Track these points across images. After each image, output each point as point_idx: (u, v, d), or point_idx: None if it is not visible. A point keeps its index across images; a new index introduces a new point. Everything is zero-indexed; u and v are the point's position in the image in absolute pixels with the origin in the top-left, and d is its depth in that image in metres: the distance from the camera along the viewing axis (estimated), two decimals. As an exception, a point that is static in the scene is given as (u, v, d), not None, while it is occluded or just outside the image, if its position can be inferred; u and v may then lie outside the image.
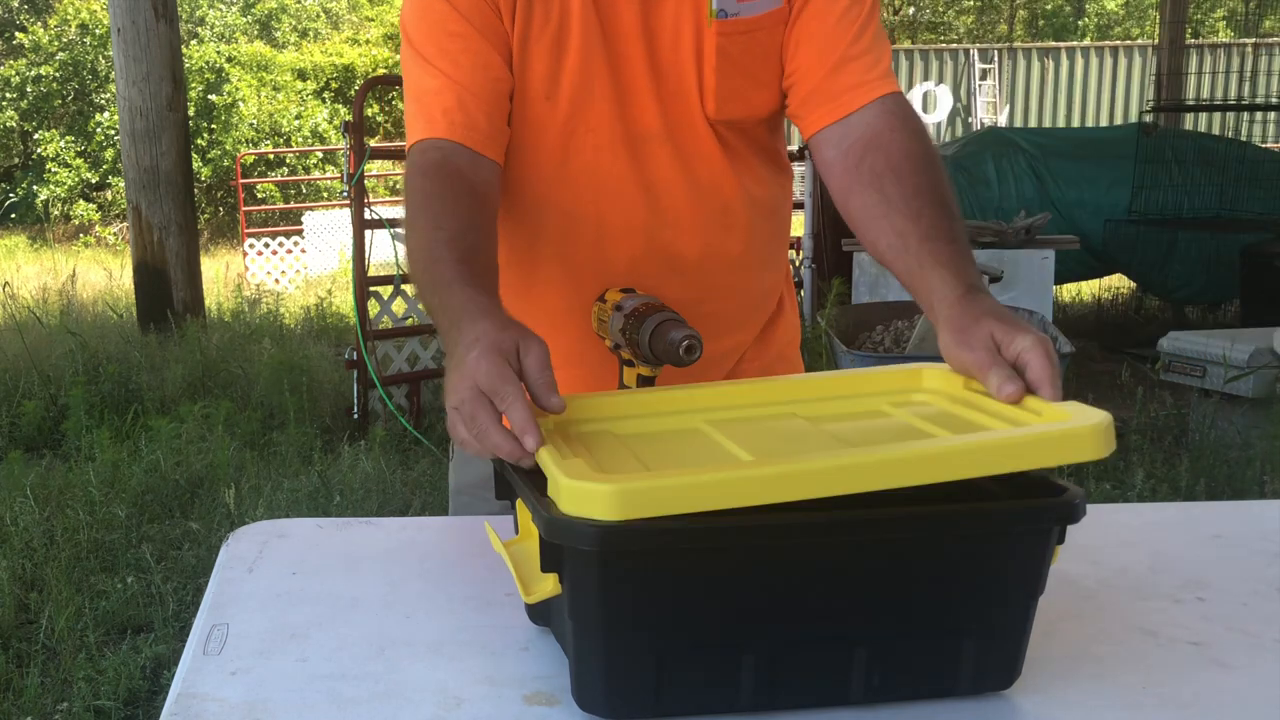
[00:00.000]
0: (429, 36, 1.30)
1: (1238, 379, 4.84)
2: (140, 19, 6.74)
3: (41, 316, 7.17)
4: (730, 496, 0.84)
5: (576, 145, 1.34)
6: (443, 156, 1.26)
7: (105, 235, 15.09)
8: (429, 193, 1.23)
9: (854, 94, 1.30)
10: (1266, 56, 17.18)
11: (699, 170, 1.36)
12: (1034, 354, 1.01)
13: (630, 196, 1.35)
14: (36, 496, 4.11)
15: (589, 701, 0.91)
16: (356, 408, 5.26)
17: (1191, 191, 7.50)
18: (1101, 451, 0.91)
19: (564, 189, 1.36)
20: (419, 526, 1.38)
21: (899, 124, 1.28)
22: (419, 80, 1.30)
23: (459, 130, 1.27)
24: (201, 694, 0.94)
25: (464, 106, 1.27)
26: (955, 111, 17.93)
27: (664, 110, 1.33)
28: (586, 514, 0.83)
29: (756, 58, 1.33)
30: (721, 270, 1.40)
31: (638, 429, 1.07)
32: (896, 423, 1.06)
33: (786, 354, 1.56)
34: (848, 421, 1.07)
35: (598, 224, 1.36)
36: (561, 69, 1.31)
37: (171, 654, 3.05)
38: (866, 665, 0.92)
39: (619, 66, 1.32)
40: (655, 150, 1.34)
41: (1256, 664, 1.02)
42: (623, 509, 0.83)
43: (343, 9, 21.82)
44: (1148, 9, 23.04)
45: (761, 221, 1.43)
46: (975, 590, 0.92)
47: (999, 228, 6.09)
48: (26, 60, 16.60)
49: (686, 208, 1.36)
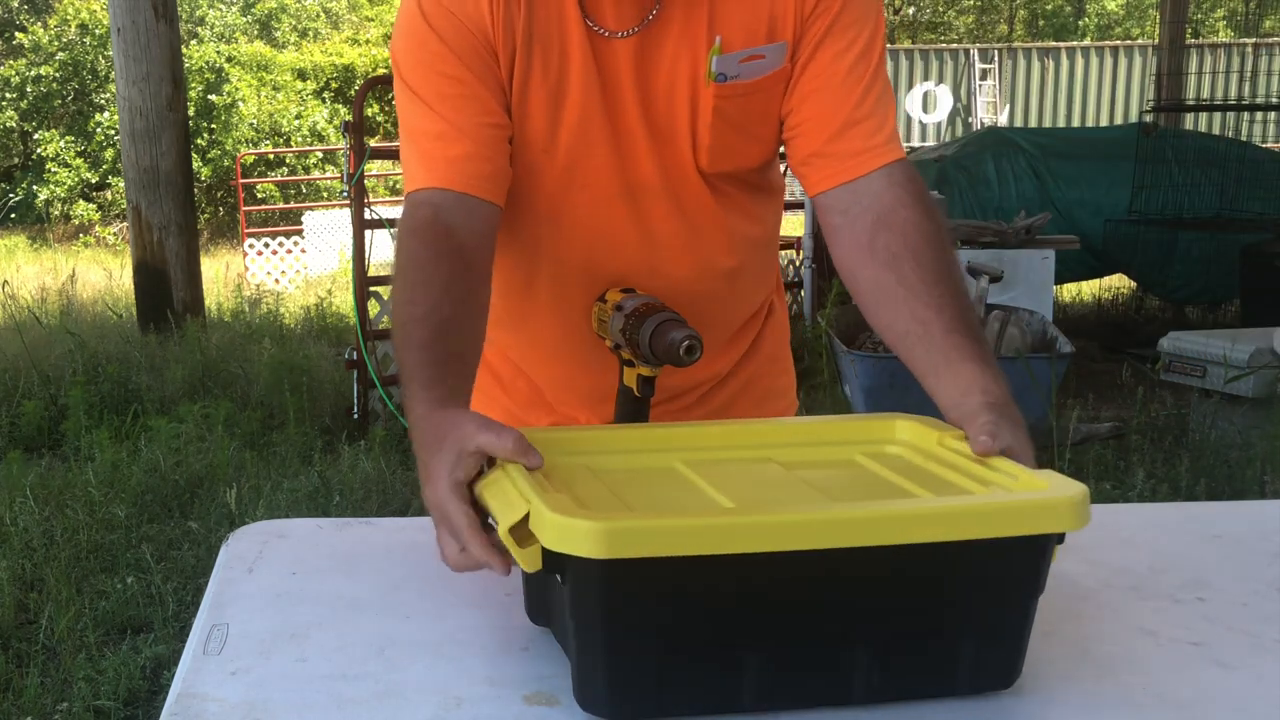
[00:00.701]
0: (425, 78, 1.27)
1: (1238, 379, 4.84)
2: (140, 19, 6.73)
3: (41, 316, 7.17)
4: (714, 543, 0.86)
5: (573, 199, 1.32)
6: (434, 214, 1.22)
7: (105, 235, 15.09)
8: (411, 259, 1.20)
9: (859, 160, 1.26)
10: (1266, 56, 17.19)
11: (695, 218, 1.35)
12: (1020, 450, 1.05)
13: (627, 245, 1.34)
14: (36, 496, 4.11)
15: (591, 701, 0.91)
16: (356, 408, 5.26)
17: (1191, 191, 7.50)
18: (1078, 524, 0.91)
19: (559, 238, 1.35)
20: (419, 526, 1.38)
21: (911, 200, 1.25)
22: (417, 122, 1.27)
23: (459, 179, 1.23)
24: (201, 694, 0.94)
25: (466, 154, 1.24)
26: (955, 111, 17.93)
27: (660, 163, 1.32)
28: (571, 550, 0.84)
29: (753, 117, 1.31)
30: (709, 310, 1.40)
31: (614, 465, 1.08)
32: (868, 474, 1.07)
33: (776, 354, 1.57)
34: (821, 469, 1.08)
35: (592, 270, 1.35)
36: (560, 122, 1.29)
37: (171, 654, 3.05)
38: (867, 665, 0.92)
39: (616, 119, 1.30)
40: (654, 203, 1.33)
41: (1256, 664, 1.02)
42: (609, 548, 0.84)
43: (343, 9, 21.83)
44: (1148, 9, 23.04)
45: (752, 254, 1.43)
46: (975, 590, 0.92)
47: (999, 228, 6.08)
48: (26, 60, 16.60)
49: (682, 260, 1.36)
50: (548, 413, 1.50)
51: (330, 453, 4.79)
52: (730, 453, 1.11)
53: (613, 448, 1.11)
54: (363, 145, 5.13)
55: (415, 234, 1.21)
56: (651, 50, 1.27)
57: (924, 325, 1.17)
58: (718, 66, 1.26)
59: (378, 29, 19.80)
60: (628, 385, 1.29)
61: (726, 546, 0.86)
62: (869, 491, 1.03)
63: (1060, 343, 4.85)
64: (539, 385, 1.50)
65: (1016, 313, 5.12)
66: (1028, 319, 5.10)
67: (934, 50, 18.78)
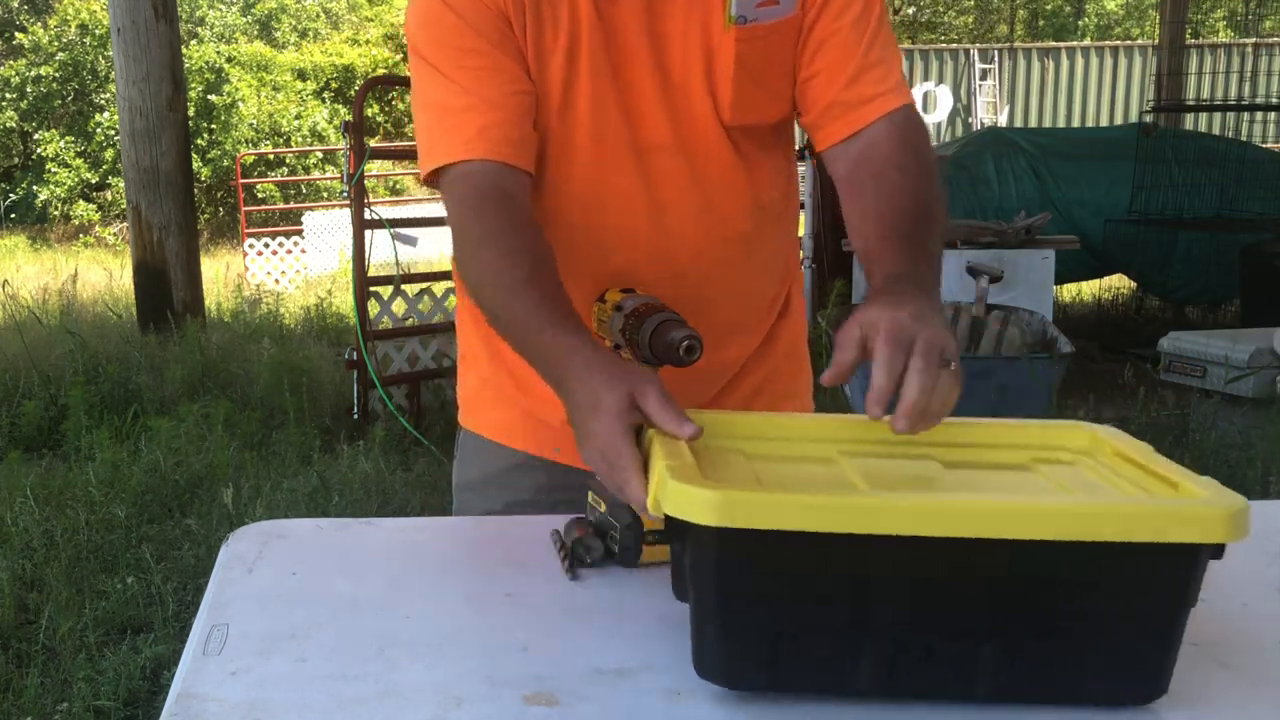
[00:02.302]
0: (443, 52, 1.28)
1: (1238, 379, 4.84)
2: (140, 19, 6.73)
3: (41, 316, 7.17)
4: (827, 520, 0.86)
5: (583, 157, 1.33)
6: (489, 181, 1.25)
7: (105, 235, 15.09)
8: (491, 225, 1.23)
9: (871, 106, 1.30)
10: (1266, 56, 17.18)
11: (710, 180, 1.35)
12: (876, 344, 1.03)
13: (635, 209, 1.34)
14: (36, 497, 4.11)
15: (706, 669, 0.94)
16: (356, 408, 5.26)
17: (1191, 191, 7.50)
18: (1232, 536, 0.87)
19: (568, 199, 1.35)
20: (419, 527, 1.38)
21: (899, 136, 1.30)
22: (441, 97, 1.28)
23: (498, 148, 1.25)
24: (201, 694, 0.94)
25: (500, 123, 1.26)
26: (955, 111, 17.92)
27: (673, 120, 1.32)
28: (687, 517, 0.87)
29: (772, 64, 1.32)
30: (724, 278, 1.39)
31: (770, 450, 1.09)
32: (1028, 477, 1.04)
33: (793, 353, 1.55)
34: (980, 470, 1.06)
35: (599, 234, 1.35)
36: (575, 82, 1.30)
37: (171, 654, 3.05)
38: (993, 663, 0.90)
39: (625, 77, 1.31)
40: (664, 162, 1.33)
41: (1256, 664, 1.02)
42: (720, 516, 0.85)
43: (343, 9, 21.82)
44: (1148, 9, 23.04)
45: (769, 226, 1.43)
46: (1119, 597, 0.89)
47: (999, 228, 6.08)
48: (26, 60, 16.60)
49: (691, 220, 1.35)
50: None
51: (330, 453, 4.79)
52: (893, 447, 1.09)
53: (773, 435, 1.12)
54: (363, 145, 5.13)
55: (484, 201, 1.25)
56: (663, 3, 1.29)
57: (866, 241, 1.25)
58: (737, 9, 1.28)
59: (378, 29, 19.80)
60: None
61: (836, 525, 0.86)
62: (1019, 491, 1.00)
63: (1060, 343, 4.85)
64: None
65: (1016, 313, 5.12)
66: (1028, 319, 5.10)
67: (934, 50, 18.78)
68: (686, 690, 0.96)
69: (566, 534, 1.24)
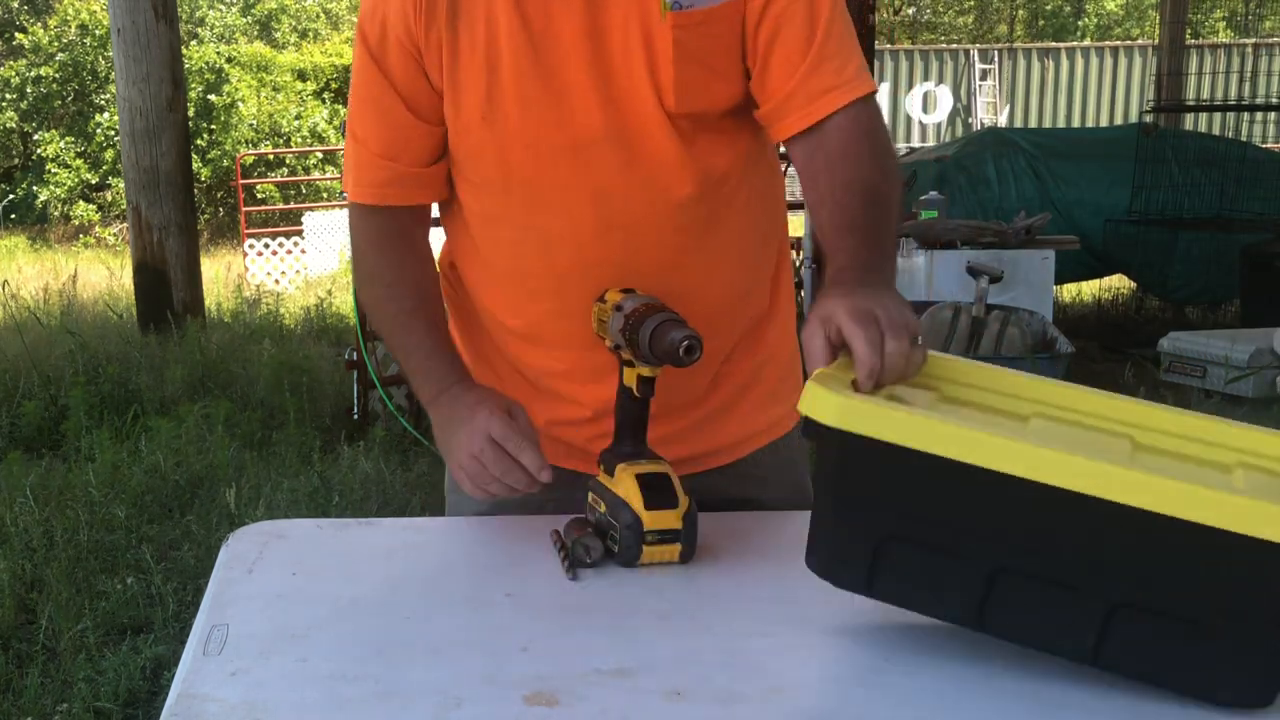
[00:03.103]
0: (362, 89, 1.38)
1: (1238, 379, 4.84)
2: (140, 19, 6.73)
3: (41, 317, 7.17)
4: (939, 443, 0.91)
5: (517, 160, 1.34)
6: (390, 224, 1.42)
7: (105, 236, 15.08)
8: (388, 260, 1.43)
9: (825, 100, 1.31)
10: (1266, 57, 17.19)
11: (652, 169, 1.34)
12: (844, 326, 1.06)
13: (577, 204, 1.34)
14: (36, 497, 4.11)
15: (814, 561, 1.02)
16: (356, 408, 5.26)
17: (1191, 191, 7.50)
18: None
19: (508, 204, 1.36)
20: (419, 527, 1.38)
21: (854, 128, 1.31)
22: (358, 122, 1.40)
23: (402, 193, 1.40)
24: (201, 694, 0.94)
25: (401, 177, 1.38)
26: (955, 111, 17.92)
27: (611, 111, 1.32)
28: (810, 412, 0.97)
29: (714, 50, 1.32)
30: (688, 273, 1.38)
31: (968, 396, 1.10)
32: (1208, 470, 1.01)
33: (777, 355, 1.51)
34: (1167, 457, 1.03)
35: (544, 232, 1.35)
36: (496, 88, 1.31)
37: (171, 654, 3.05)
38: (1100, 627, 0.91)
39: (555, 73, 1.31)
40: (601, 154, 1.33)
41: (1256, 664, 1.01)
42: (838, 418, 0.95)
43: (343, 9, 21.82)
44: (1148, 9, 23.04)
45: (721, 205, 1.39)
46: (1232, 590, 0.88)
47: (999, 228, 6.08)
48: (26, 61, 16.59)
49: (640, 210, 1.34)
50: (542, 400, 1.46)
51: (330, 453, 4.79)
52: (1095, 420, 1.08)
53: (985, 385, 1.12)
54: (363, 145, 5.12)
55: (376, 244, 1.44)
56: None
57: (823, 232, 1.29)
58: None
59: (378, 29, 19.75)
60: (627, 385, 1.29)
61: (950, 450, 0.91)
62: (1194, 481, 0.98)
63: (1060, 343, 4.85)
64: (528, 367, 1.48)
65: (1016, 313, 5.12)
66: (1028, 319, 5.10)
67: (934, 50, 18.78)
68: (687, 690, 0.96)
69: (566, 534, 1.24)
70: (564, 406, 1.44)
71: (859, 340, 1.03)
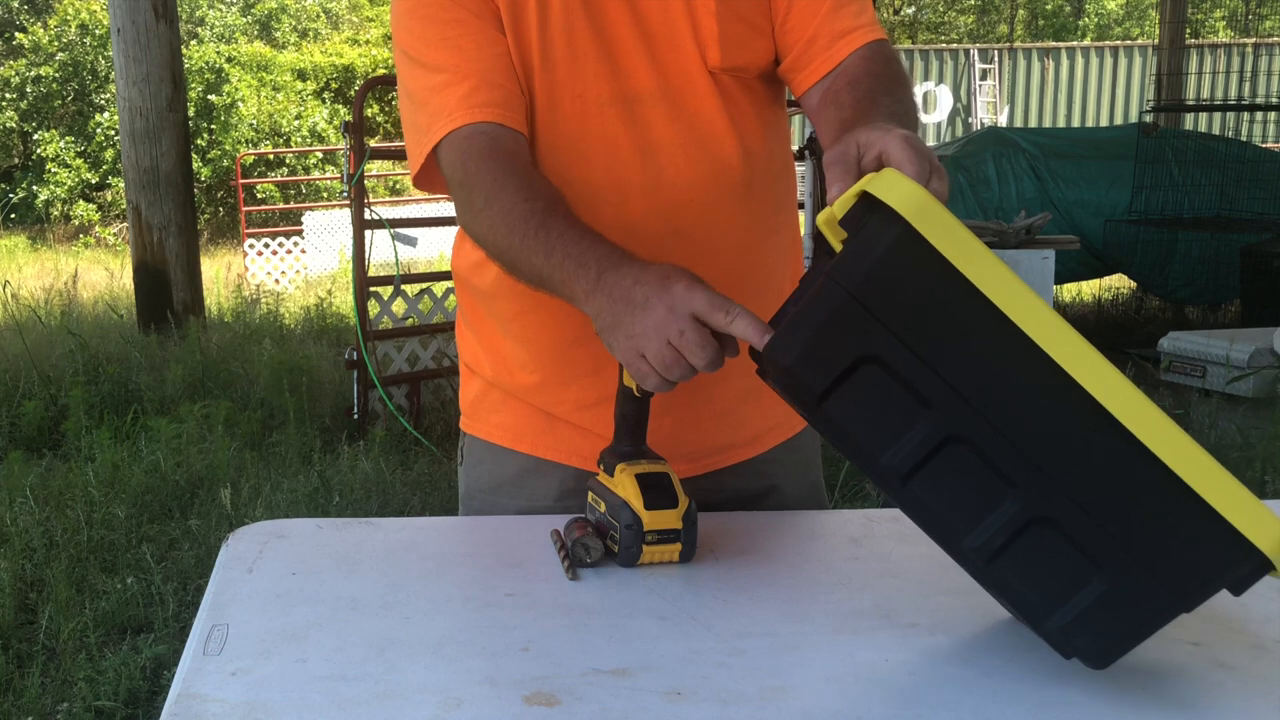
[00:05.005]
0: (425, 30, 1.31)
1: (1238, 379, 4.84)
2: (140, 19, 6.74)
3: (42, 317, 7.17)
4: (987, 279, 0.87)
5: (564, 111, 1.34)
6: (486, 140, 1.26)
7: (105, 235, 15.08)
8: (502, 169, 1.24)
9: (845, 41, 1.33)
10: (1266, 56, 17.18)
11: (699, 127, 1.35)
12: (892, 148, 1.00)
13: (624, 160, 1.34)
14: (36, 497, 4.11)
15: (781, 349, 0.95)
16: (356, 408, 5.26)
17: (1191, 191, 7.50)
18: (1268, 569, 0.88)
19: (555, 155, 1.35)
20: (419, 526, 1.38)
21: (873, 58, 1.33)
22: (425, 79, 1.31)
23: (490, 110, 1.27)
24: (201, 694, 0.94)
25: (488, 87, 1.28)
26: (955, 111, 17.93)
27: (658, 69, 1.33)
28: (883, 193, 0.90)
29: (750, 3, 1.35)
30: (726, 235, 1.38)
31: None
32: None
33: None
34: None
35: (590, 186, 1.34)
36: (549, 36, 1.32)
37: (171, 654, 3.05)
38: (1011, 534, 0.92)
39: (603, 28, 1.32)
40: (650, 111, 1.34)
41: (1256, 664, 1.02)
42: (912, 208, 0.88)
43: (343, 9, 21.83)
44: (1148, 9, 23.04)
45: (768, 183, 1.41)
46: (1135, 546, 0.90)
47: (999, 228, 6.09)
48: (26, 60, 16.59)
49: (686, 168, 1.35)
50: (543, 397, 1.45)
51: (330, 453, 4.79)
52: None
53: None
54: (363, 145, 5.13)
55: (490, 156, 1.25)
56: None
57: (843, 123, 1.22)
58: None
59: (378, 29, 19.80)
60: (627, 385, 1.29)
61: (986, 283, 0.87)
62: None
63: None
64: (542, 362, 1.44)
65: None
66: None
67: (934, 50, 18.78)
68: (686, 690, 0.96)
69: (566, 534, 1.24)
70: (599, 384, 1.40)
71: (912, 168, 0.97)
